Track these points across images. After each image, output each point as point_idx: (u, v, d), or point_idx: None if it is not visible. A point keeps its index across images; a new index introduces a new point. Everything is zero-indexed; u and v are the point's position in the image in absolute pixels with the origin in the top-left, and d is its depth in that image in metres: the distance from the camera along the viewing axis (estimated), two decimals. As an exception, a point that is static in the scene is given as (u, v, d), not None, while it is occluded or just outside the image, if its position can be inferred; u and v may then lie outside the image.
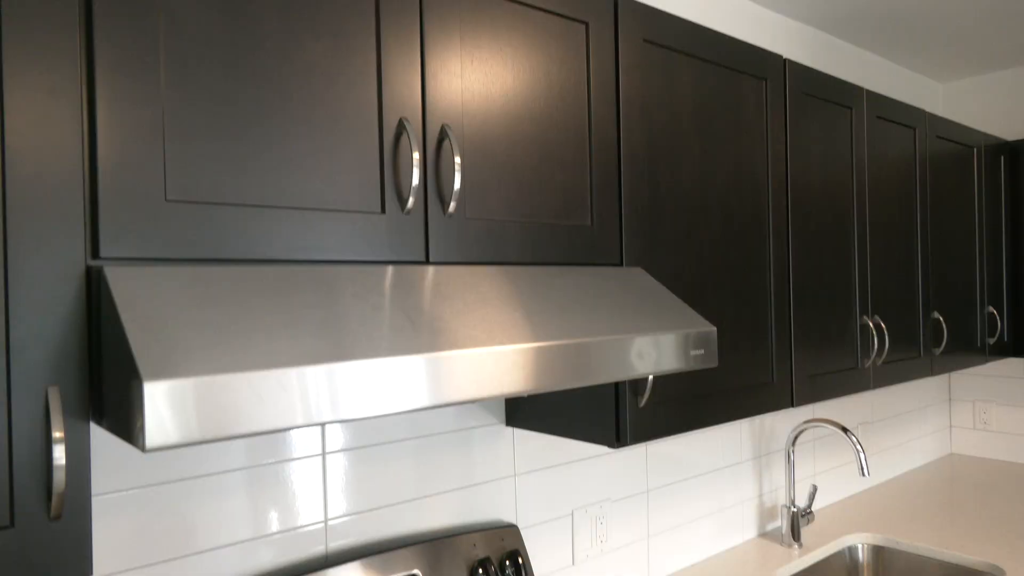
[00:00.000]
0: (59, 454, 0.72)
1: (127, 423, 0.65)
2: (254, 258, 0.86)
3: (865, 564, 2.14)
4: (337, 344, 0.75)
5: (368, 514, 1.35)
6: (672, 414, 1.38)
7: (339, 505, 1.32)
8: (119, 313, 0.68)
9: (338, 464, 1.31)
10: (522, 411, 1.52)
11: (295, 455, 1.26)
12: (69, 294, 0.75)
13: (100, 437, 1.06)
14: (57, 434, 0.72)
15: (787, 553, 2.02)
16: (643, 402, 1.30)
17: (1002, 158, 2.59)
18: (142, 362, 0.63)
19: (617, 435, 1.31)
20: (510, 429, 1.58)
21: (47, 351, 0.74)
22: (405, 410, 0.77)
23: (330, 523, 1.30)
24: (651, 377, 1.27)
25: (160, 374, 0.62)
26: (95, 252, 0.77)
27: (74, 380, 0.75)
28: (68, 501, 0.74)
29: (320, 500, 1.29)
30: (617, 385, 1.30)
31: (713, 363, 1.14)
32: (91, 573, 0.75)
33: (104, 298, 0.73)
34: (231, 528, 1.19)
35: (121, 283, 0.72)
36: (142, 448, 0.61)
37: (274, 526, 1.23)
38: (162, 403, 0.62)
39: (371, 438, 1.36)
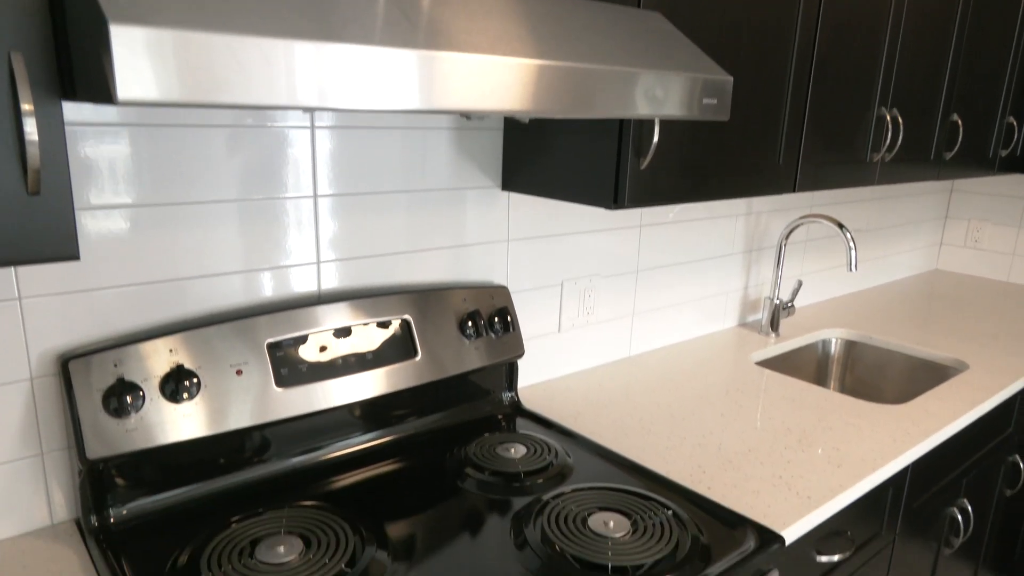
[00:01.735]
0: (31, 128, 0.68)
1: (99, 78, 0.60)
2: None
3: (836, 356, 2.25)
4: (326, 25, 0.69)
5: (360, 261, 1.36)
6: (672, 182, 1.35)
7: (331, 250, 1.32)
8: (79, -41, 0.61)
9: (329, 208, 1.30)
10: (519, 172, 1.48)
11: (287, 195, 1.24)
12: (24, -50, 0.67)
13: (84, 153, 1.02)
14: (26, 106, 0.68)
15: (763, 340, 2.10)
16: (644, 163, 1.26)
17: (1062, -47, 2.35)
18: (109, 8, 0.57)
19: (615, 196, 1.29)
20: (505, 194, 1.55)
21: (6, 14, 0.67)
22: (395, 109, 0.73)
23: (322, 265, 1.31)
24: (656, 135, 1.22)
25: (129, 19, 0.56)
26: (49, -99, 0.68)
27: (39, 47, 0.69)
28: (46, 178, 0.71)
29: (312, 242, 1.29)
30: (620, 144, 1.25)
31: (725, 116, 1.09)
32: (78, 256, 0.75)
33: (63, -51, 0.65)
34: (222, 259, 1.19)
35: (80, -69, 0.64)
36: (115, 100, 0.56)
37: (266, 262, 1.24)
38: (132, 50, 0.56)
39: (363, 186, 1.33)
